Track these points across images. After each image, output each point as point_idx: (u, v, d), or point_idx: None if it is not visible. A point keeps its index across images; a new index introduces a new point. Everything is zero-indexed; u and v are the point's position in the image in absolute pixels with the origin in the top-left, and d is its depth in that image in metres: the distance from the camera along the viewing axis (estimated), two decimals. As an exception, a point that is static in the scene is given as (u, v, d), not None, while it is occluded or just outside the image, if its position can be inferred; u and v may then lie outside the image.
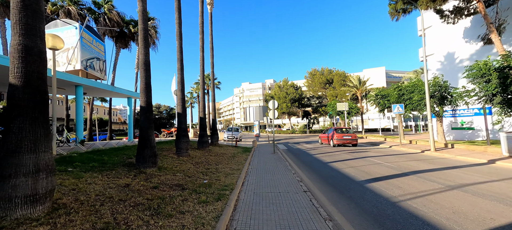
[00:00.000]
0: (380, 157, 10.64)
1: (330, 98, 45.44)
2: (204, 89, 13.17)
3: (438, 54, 22.94)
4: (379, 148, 14.93)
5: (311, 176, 7.48)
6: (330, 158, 11.18)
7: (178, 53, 9.80)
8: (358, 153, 12.37)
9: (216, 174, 7.15)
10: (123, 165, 6.56)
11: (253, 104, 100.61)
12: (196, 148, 12.60)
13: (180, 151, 9.42)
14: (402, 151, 12.87)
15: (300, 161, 10.87)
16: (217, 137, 16.14)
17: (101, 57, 15.04)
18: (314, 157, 11.93)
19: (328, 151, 14.25)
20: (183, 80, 9.85)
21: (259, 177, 7.17)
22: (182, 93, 9.75)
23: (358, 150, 14.15)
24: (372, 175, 7.07)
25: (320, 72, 49.75)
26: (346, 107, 27.64)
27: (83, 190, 4.27)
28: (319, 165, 9.49)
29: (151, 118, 6.75)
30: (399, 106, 14.18)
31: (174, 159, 8.63)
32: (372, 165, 8.69)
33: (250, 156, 11.91)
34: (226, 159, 10.47)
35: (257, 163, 10.05)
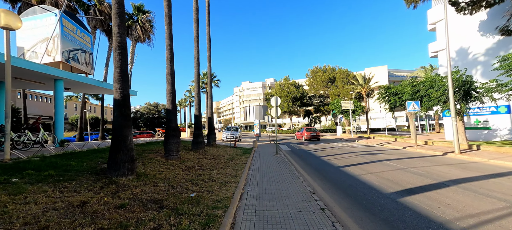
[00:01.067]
0: (399, 161, 9.31)
1: (332, 97, 44.12)
2: (199, 85, 11.87)
3: (450, 49, 21.58)
4: (393, 149, 13.62)
5: (324, 184, 6.17)
6: (341, 161, 9.86)
7: (167, 40, 8.48)
8: (372, 156, 11.06)
9: (209, 182, 5.84)
10: (92, 172, 5.25)
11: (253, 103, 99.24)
12: (190, 149, 11.29)
13: (169, 153, 8.11)
14: (421, 153, 11.54)
15: (307, 164, 9.55)
16: (215, 136, 14.84)
17: (87, 50, 13.71)
18: (322, 159, 10.62)
19: (336, 153, 12.93)
20: (173, 72, 8.53)
21: (261, 186, 5.86)
22: (172, 87, 8.44)
23: (371, 152, 12.83)
24: (401, 184, 5.74)
25: (322, 70, 48.40)
26: (352, 106, 26.33)
27: (10, 214, 2.95)
28: (330, 169, 8.17)
29: (127, 114, 5.44)
30: (414, 104, 12.85)
31: (161, 163, 7.31)
32: (394, 171, 7.37)
33: (250, 159, 10.60)
34: (223, 162, 9.16)
35: (258, 167, 8.74)
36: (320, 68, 48.98)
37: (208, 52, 14.88)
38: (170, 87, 8.43)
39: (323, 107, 47.71)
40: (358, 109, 28.08)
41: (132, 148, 5.44)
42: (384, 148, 14.59)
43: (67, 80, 11.31)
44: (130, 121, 5.57)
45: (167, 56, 8.48)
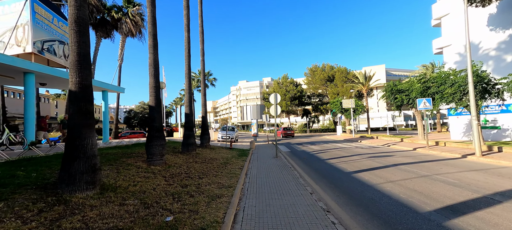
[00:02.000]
0: (417, 165, 8.21)
1: (331, 96, 43.13)
2: (190, 79, 10.62)
3: (456, 45, 20.67)
4: (402, 151, 12.55)
5: (339, 198, 5.01)
6: (350, 165, 8.72)
7: (150, 25, 7.23)
8: (383, 159, 9.96)
9: (195, 196, 4.64)
10: (39, 187, 4.01)
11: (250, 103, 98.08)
12: (180, 152, 10.06)
13: (152, 157, 6.88)
14: (436, 155, 10.46)
15: (312, 169, 8.40)
16: (209, 137, 13.62)
17: (66, 41, 12.35)
18: (328, 163, 9.47)
19: (341, 155, 11.81)
20: (157, 62, 7.28)
21: (261, 201, 4.69)
22: (156, 80, 7.19)
23: (382, 154, 11.74)
24: (436, 199, 4.61)
25: (321, 68, 47.39)
26: (353, 105, 25.30)
27: None
28: (340, 176, 7.03)
29: (88, 111, 4.20)
30: (425, 101, 11.80)
31: (140, 171, 6.08)
32: (418, 179, 6.25)
33: (247, 162, 9.41)
34: (216, 167, 7.95)
35: (256, 173, 7.56)
36: (318, 67, 47.96)
37: (200, 45, 13.64)
38: (153, 80, 7.19)
39: (321, 106, 46.71)
40: (359, 108, 27.08)
41: (95, 154, 4.21)
42: (392, 149, 13.52)
43: (40, 74, 9.98)
44: (93, 119, 4.34)
45: (149, 43, 7.23)
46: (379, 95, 19.45)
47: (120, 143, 12.89)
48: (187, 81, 10.57)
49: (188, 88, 10.53)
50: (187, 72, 10.56)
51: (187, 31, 10.61)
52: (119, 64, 22.10)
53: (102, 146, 10.89)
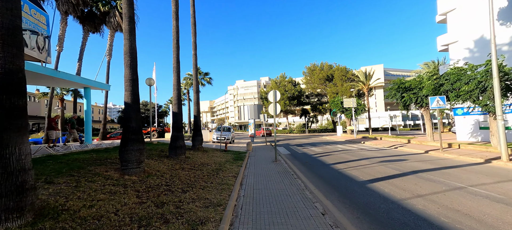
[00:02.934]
0: (440, 173, 7.10)
1: (330, 96, 42.14)
2: (178, 73, 9.38)
3: (464, 41, 19.72)
4: (414, 154, 11.47)
5: (361, 223, 3.83)
6: (361, 172, 7.58)
7: (125, 5, 5.99)
8: (397, 164, 8.85)
9: (170, 223, 3.44)
10: None
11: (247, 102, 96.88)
12: (167, 156, 8.84)
13: (127, 165, 5.66)
14: (455, 160, 9.35)
15: (317, 176, 7.25)
16: (201, 139, 12.40)
17: (41, 32, 11.01)
18: (335, 169, 8.33)
19: (348, 159, 10.69)
20: (134, 51, 6.04)
21: (259, 226, 3.50)
22: (133, 72, 5.96)
23: (392, 157, 10.64)
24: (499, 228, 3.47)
25: (320, 67, 46.36)
26: (354, 104, 24.25)
27: None
28: (354, 187, 5.87)
29: (14, 106, 2.99)
30: (439, 99, 10.73)
31: (107, 183, 4.86)
32: (453, 193, 5.12)
33: (243, 168, 8.23)
34: (206, 175, 6.74)
35: (253, 182, 6.38)
36: (317, 66, 46.94)
37: (193, 37, 12.41)
38: (129, 71, 5.95)
39: (320, 106, 45.69)
40: (360, 107, 26.05)
41: (25, 167, 2.99)
42: (401, 151, 12.45)
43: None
44: (23, 119, 3.11)
45: (125, 27, 6.00)
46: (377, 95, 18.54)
47: (100, 145, 11.60)
48: (175, 75, 9.34)
49: (177, 83, 9.30)
50: (175, 66, 9.32)
51: (176, 19, 9.37)
52: (107, 60, 20.73)
53: (77, 149, 9.60)
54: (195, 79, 12.64)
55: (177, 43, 9.33)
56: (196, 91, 12.66)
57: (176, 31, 9.30)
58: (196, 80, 12.68)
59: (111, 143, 14.31)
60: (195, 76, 12.63)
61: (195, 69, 12.62)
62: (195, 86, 12.67)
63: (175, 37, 9.31)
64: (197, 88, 12.70)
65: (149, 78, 13.44)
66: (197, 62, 12.70)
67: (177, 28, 9.31)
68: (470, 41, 19.10)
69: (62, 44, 18.95)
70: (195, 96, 12.66)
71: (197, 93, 12.65)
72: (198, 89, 12.72)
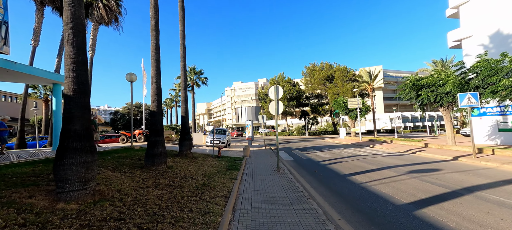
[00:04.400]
0: (502, 191, 5.35)
1: (330, 97, 40.55)
2: (158, 61, 7.50)
3: (479, 35, 18.21)
4: (443, 161, 9.75)
5: None
6: (393, 188, 5.81)
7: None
8: (433, 176, 7.10)
9: None
10: None
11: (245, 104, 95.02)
12: (142, 167, 6.98)
13: (64, 186, 3.83)
14: (506, 170, 7.60)
15: (338, 196, 5.46)
16: (189, 143, 10.54)
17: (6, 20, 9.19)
18: (355, 183, 6.55)
19: (366, 168, 8.93)
20: (78, 20, 4.22)
21: None
22: (76, 52, 4.13)
23: (419, 165, 8.91)
24: None
25: (320, 67, 44.85)
26: (359, 104, 22.58)
27: None
28: (397, 216, 4.09)
29: None
30: (470, 96, 9.05)
31: (19, 218, 3.00)
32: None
33: (237, 182, 6.41)
34: (186, 196, 4.90)
35: (251, 207, 4.57)
36: (317, 66, 45.44)
37: (181, 25, 10.62)
38: (72, 50, 4.12)
39: (321, 108, 44.05)
40: (365, 108, 24.40)
41: None
42: (424, 158, 10.73)
43: None
44: None
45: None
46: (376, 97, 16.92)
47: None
48: (154, 66, 7.51)
49: (155, 75, 7.47)
50: (154, 54, 7.50)
51: (155, -4, 7.56)
52: (90, 56, 18.80)
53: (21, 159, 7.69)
54: (183, 74, 10.82)
55: (156, 25, 7.50)
56: (183, 88, 10.84)
57: (155, 11, 7.48)
58: (184, 75, 10.86)
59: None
60: (183, 70, 10.81)
61: (183, 63, 10.80)
62: (183, 82, 10.85)
63: (154, 18, 7.49)
64: (185, 84, 10.87)
65: (130, 73, 11.59)
66: (185, 54, 10.90)
67: (156, 7, 7.50)
68: (486, 36, 17.60)
69: (38, 38, 17.01)
70: (183, 93, 10.83)
71: (184, 90, 10.83)
72: (185, 86, 10.89)
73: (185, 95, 10.82)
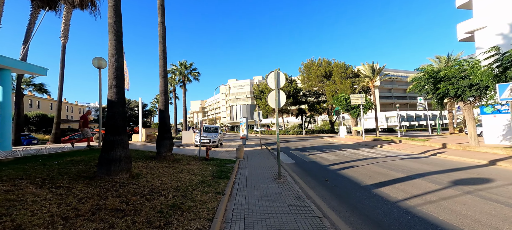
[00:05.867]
0: None
1: (328, 94, 38.98)
2: (117, 32, 5.47)
3: (494, 26, 16.75)
4: (482, 167, 8.07)
5: None
6: (454, 215, 4.05)
7: None
8: (493, 189, 5.38)
9: None
10: None
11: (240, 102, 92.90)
12: (92, 177, 5.01)
13: None
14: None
15: (373, 223, 3.63)
16: (170, 143, 8.57)
17: None
18: (391, 201, 4.75)
19: (390, 174, 7.18)
20: None
21: None
22: None
23: (462, 175, 7.20)
24: None
25: (317, 63, 43.19)
26: (363, 101, 20.94)
27: None
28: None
29: None
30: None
31: None
32: None
33: (225, 199, 4.52)
34: (137, 229, 2.98)
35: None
36: (314, 62, 43.76)
37: (159, -2, 8.61)
38: None
39: (318, 105, 42.48)
40: (368, 105, 22.80)
41: None
42: (453, 162, 9.06)
43: None
44: None
45: None
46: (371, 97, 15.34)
47: (27, 151, 7.53)
48: (113, 37, 5.47)
49: (115, 50, 5.45)
50: (113, 22, 5.45)
51: None
52: (62, 43, 16.50)
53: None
54: (162, 58, 8.82)
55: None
56: (162, 76, 8.84)
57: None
58: (164, 60, 8.86)
59: (61, 147, 10.36)
60: (162, 54, 8.81)
61: (162, 44, 8.80)
62: (162, 68, 8.85)
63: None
64: (164, 71, 8.88)
65: (98, 58, 9.50)
66: (165, 34, 8.91)
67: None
68: (504, 26, 16.15)
69: (-1, 20, 14.66)
70: (162, 83, 8.83)
71: (164, 78, 8.83)
72: (165, 74, 8.90)
73: (164, 85, 8.82)
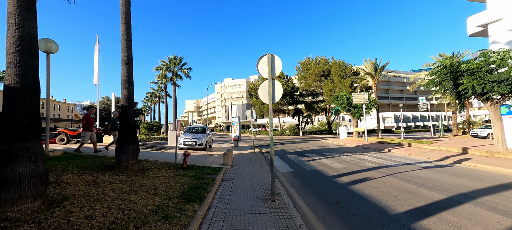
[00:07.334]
0: None
1: (326, 93, 37.37)
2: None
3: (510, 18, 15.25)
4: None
5: None
6: None
7: None
8: None
9: None
10: None
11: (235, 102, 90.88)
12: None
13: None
14: None
15: None
16: (133, 148, 6.61)
17: None
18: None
19: (427, 195, 5.43)
20: None
21: None
22: None
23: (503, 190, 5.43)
24: None
25: (315, 62, 41.55)
26: (366, 100, 19.25)
27: None
28: None
29: None
30: None
31: None
32: None
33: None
34: None
35: None
36: (312, 60, 42.11)
37: (120, -39, 6.65)
38: None
39: (316, 105, 40.84)
40: (371, 104, 21.14)
41: None
42: (490, 173, 7.36)
43: None
44: None
45: None
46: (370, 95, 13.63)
47: None
48: None
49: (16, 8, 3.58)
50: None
51: None
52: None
53: None
54: (125, 39, 6.86)
55: None
56: (125, 62, 6.89)
57: None
58: (127, 42, 6.90)
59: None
60: (125, 34, 6.85)
61: (124, 22, 6.85)
62: (125, 53, 6.89)
63: None
64: (128, 57, 6.92)
65: (46, 39, 7.48)
66: (129, 9, 6.98)
67: None
68: (524, 16, 14.67)
69: None
70: (124, 71, 6.88)
71: (127, 65, 6.88)
72: (128, 60, 6.94)
73: (127, 74, 6.86)
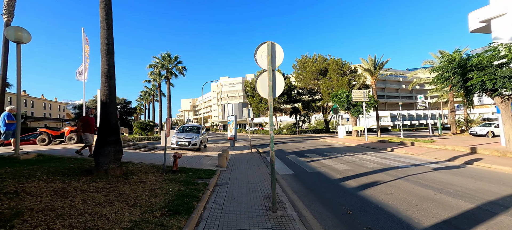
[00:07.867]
0: None
1: (324, 91, 36.87)
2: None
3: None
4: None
5: None
6: None
7: None
8: None
9: None
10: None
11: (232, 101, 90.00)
12: None
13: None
14: None
15: None
16: (115, 149, 5.83)
17: None
18: None
19: (446, 203, 4.77)
20: None
21: None
22: None
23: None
24: None
25: (312, 60, 40.98)
26: (366, 98, 18.69)
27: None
28: None
29: None
30: None
31: None
32: None
33: None
34: None
35: None
36: (309, 58, 41.53)
37: None
38: None
39: (314, 104, 40.30)
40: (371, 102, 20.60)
41: None
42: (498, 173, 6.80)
43: None
44: None
45: None
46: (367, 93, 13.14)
47: None
48: None
49: None
50: None
51: None
52: (5, 21, 13.31)
53: None
54: (105, 26, 6.05)
55: None
56: (105, 53, 6.09)
57: None
58: (107, 30, 6.09)
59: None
60: (105, 21, 6.04)
61: (104, 6, 6.04)
62: (104, 43, 6.08)
63: None
64: (108, 46, 6.11)
65: (16, 27, 6.61)
66: (110, -7, 6.15)
67: None
68: (529, 11, 14.20)
69: None
70: (104, 62, 6.07)
71: (107, 56, 6.08)
72: (109, 50, 6.13)
73: (107, 66, 6.05)
